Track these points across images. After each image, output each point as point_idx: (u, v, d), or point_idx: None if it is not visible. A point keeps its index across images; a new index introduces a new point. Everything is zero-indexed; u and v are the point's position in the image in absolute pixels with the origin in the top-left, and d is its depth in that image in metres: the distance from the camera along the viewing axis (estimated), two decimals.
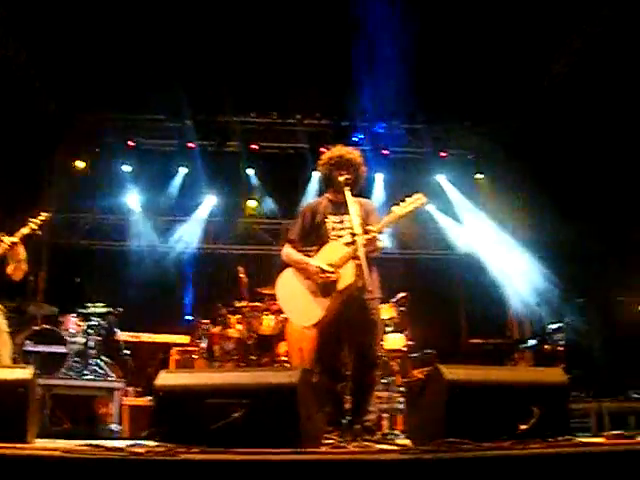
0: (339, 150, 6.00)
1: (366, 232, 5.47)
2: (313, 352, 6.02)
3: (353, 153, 6.00)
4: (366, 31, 10.36)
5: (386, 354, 9.77)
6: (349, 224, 5.58)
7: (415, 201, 5.76)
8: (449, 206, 14.47)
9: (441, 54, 10.85)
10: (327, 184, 6.01)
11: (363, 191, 6.23)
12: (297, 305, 5.74)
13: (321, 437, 4.50)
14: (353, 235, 5.29)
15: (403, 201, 5.76)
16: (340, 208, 5.80)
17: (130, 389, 9.76)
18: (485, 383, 4.06)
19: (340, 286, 5.50)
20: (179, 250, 14.16)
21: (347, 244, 5.54)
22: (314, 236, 5.88)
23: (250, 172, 14.03)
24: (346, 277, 5.45)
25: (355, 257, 5.29)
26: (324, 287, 5.55)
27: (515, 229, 14.51)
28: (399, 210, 5.70)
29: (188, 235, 14.34)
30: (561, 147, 12.05)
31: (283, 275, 5.89)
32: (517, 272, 13.62)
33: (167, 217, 14.31)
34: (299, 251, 5.88)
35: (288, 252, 5.88)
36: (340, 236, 5.69)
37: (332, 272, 5.51)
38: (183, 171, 13.95)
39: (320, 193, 6.35)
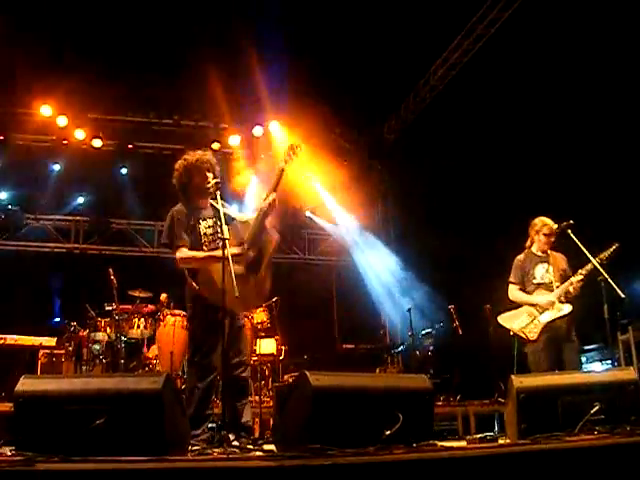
0: (203, 155, 5.89)
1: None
2: (188, 352, 5.88)
3: (213, 156, 5.95)
4: (248, 37, 10.37)
5: (258, 358, 9.81)
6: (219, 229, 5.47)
7: (291, 149, 5.70)
8: (324, 211, 14.62)
9: (319, 60, 10.94)
10: (189, 189, 5.80)
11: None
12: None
13: (187, 443, 4.45)
14: (223, 240, 5.19)
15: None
16: (204, 212, 5.78)
17: None
18: (351, 389, 4.11)
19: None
20: (49, 249, 13.80)
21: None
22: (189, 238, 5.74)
23: (124, 172, 13.73)
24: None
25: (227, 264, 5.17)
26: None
27: (386, 235, 14.83)
28: (282, 164, 5.66)
29: (59, 234, 14.02)
30: (431, 157, 12.39)
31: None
32: (389, 278, 13.91)
33: (38, 215, 13.85)
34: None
35: (193, 254, 5.59)
36: (213, 241, 5.63)
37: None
38: (56, 168, 13.52)
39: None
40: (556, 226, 7.12)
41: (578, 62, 9.68)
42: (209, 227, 5.73)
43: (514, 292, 7.30)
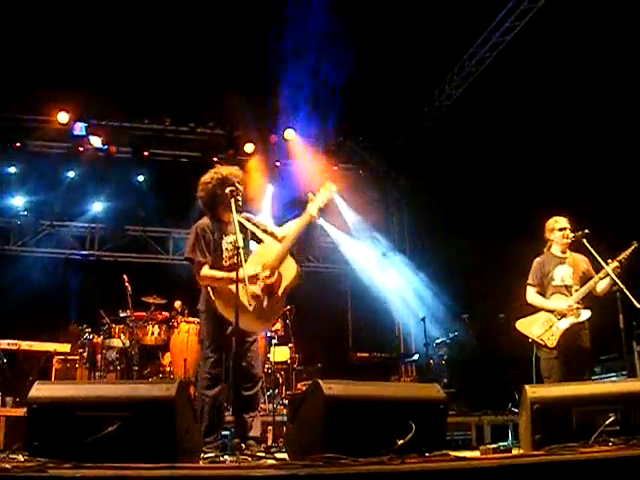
0: (235, 169, 5.97)
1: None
2: (201, 361, 5.89)
3: (237, 169, 5.99)
4: (269, 45, 10.38)
5: (272, 366, 9.80)
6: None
7: (326, 192, 5.87)
8: (339, 220, 14.61)
9: (336, 71, 10.95)
10: (218, 202, 5.84)
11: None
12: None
13: (199, 451, 4.44)
14: (237, 249, 5.19)
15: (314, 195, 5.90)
16: (228, 228, 5.82)
17: (9, 399, 9.41)
18: (363, 398, 4.10)
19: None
20: (64, 256, 13.87)
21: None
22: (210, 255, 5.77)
23: (140, 179, 13.74)
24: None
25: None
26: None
27: (401, 244, 14.80)
28: (312, 208, 5.81)
29: (74, 240, 14.09)
30: (447, 166, 12.37)
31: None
32: (403, 286, 13.88)
33: (53, 221, 13.89)
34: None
35: (212, 274, 5.66)
36: (233, 256, 5.54)
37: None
38: (71, 175, 13.55)
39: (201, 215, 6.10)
40: (572, 235, 7.06)
41: (589, 66, 9.66)
42: (230, 243, 5.74)
43: (532, 295, 7.16)
